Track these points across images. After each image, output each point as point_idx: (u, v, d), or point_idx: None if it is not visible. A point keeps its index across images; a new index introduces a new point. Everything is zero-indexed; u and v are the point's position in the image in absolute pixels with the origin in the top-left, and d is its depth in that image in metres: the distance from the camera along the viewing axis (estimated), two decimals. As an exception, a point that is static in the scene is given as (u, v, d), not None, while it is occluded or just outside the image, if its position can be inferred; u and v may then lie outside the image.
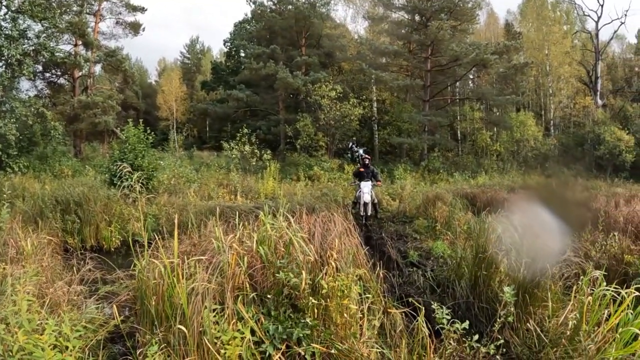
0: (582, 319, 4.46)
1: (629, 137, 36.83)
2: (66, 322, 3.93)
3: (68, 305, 5.42)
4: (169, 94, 49.25)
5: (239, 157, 27.52)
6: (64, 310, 5.09)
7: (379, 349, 4.69)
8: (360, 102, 33.94)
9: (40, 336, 3.72)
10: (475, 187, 22.39)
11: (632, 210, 11.88)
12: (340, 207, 13.38)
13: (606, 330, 4.36)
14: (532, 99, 46.67)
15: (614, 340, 4.29)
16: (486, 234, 6.55)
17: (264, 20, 39.50)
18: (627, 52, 56.94)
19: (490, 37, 49.66)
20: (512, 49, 36.91)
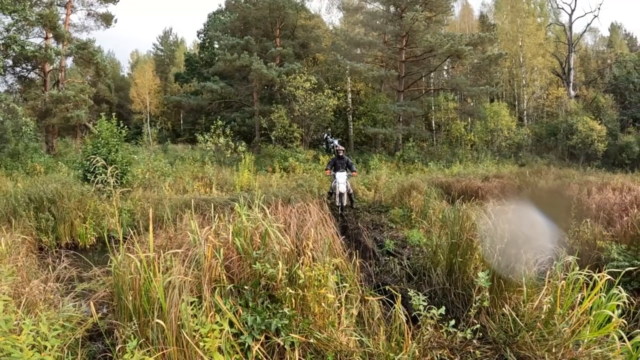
0: (556, 303, 4.54)
1: (601, 127, 37.66)
2: (43, 321, 3.90)
3: (45, 304, 5.34)
4: (142, 87, 48.78)
5: (213, 149, 27.41)
6: (40, 309, 5.01)
7: (357, 337, 4.72)
8: (335, 93, 34.03)
9: (17, 336, 3.68)
10: (450, 176, 22.55)
11: (604, 198, 12.09)
12: (315, 197, 13.37)
13: (580, 313, 4.45)
14: (505, 89, 47.23)
15: (588, 323, 4.39)
16: (461, 222, 6.63)
17: (238, 11, 39.19)
18: (600, 44, 58.12)
19: (464, 28, 50.11)
20: (486, 41, 37.17)
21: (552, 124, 42.17)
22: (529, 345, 4.35)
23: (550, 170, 26.68)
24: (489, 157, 35.32)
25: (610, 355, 4.03)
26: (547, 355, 4.14)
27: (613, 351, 4.07)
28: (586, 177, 22.90)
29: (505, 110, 39.30)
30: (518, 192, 14.98)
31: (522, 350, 4.38)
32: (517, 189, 15.64)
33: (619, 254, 7.15)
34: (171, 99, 42.80)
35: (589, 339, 4.26)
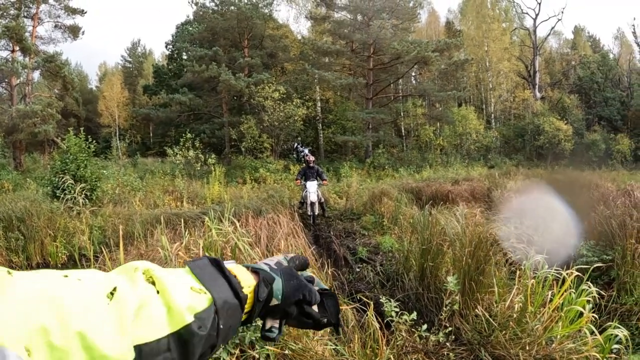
0: (527, 301, 4.59)
1: (567, 126, 38.54)
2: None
3: None
4: (110, 100, 48.26)
5: (183, 162, 27.21)
6: None
7: (333, 346, 4.71)
8: (304, 102, 34.04)
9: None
10: (420, 181, 22.64)
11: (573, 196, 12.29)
12: (287, 208, 13.31)
13: (551, 310, 4.49)
14: (473, 93, 47.87)
15: (560, 319, 4.44)
16: (430, 227, 6.67)
17: (205, 22, 39.04)
18: (564, 47, 59.37)
19: (431, 35, 50.73)
20: (452, 46, 37.64)
21: (520, 125, 42.92)
22: (503, 344, 4.37)
23: (519, 171, 27.05)
24: (458, 161, 35.67)
25: (583, 349, 4.08)
26: (521, 353, 4.16)
27: (586, 345, 4.13)
28: (554, 176, 23.27)
29: (472, 114, 39.79)
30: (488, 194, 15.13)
31: (496, 349, 4.40)
32: (487, 190, 15.79)
33: (588, 250, 7.25)
34: (140, 111, 42.41)
35: (562, 335, 4.30)
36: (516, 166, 33.37)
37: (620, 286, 6.02)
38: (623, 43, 58.48)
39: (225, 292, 0.79)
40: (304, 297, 0.94)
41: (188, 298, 0.72)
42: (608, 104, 45.73)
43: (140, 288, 0.68)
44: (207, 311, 0.73)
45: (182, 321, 0.68)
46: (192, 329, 0.69)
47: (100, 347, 0.58)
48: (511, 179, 19.93)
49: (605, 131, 43.46)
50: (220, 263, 0.84)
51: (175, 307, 0.69)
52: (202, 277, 0.78)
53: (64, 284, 0.62)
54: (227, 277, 0.82)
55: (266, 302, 0.90)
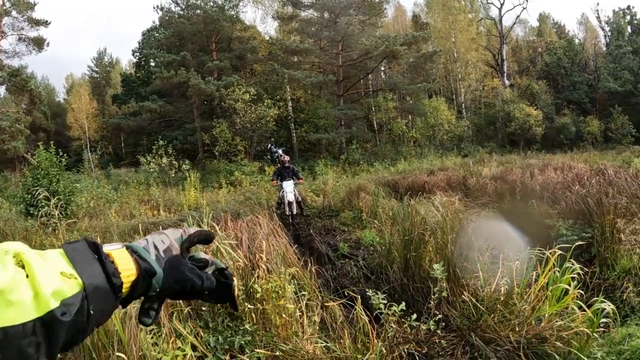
0: (513, 283, 4.63)
1: (537, 112, 39.18)
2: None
3: None
4: (79, 112, 47.47)
5: (157, 170, 26.95)
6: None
7: (323, 344, 4.68)
8: (275, 102, 33.93)
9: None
10: (395, 174, 22.78)
11: (547, 178, 12.43)
12: (264, 209, 13.26)
13: (537, 290, 4.53)
14: (442, 85, 48.27)
15: (546, 298, 4.48)
16: (410, 218, 6.67)
17: (172, 27, 38.61)
18: (530, 34, 60.27)
19: (398, 29, 50.98)
20: (420, 39, 37.84)
21: (490, 113, 43.48)
22: (492, 327, 4.39)
23: (492, 158, 27.31)
24: (432, 152, 35.95)
25: (572, 325, 4.11)
26: (511, 334, 4.18)
27: (574, 321, 4.16)
28: (527, 161, 23.56)
29: (443, 105, 40.16)
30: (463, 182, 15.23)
31: (486, 333, 4.41)
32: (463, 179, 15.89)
33: (567, 229, 7.34)
34: (110, 121, 41.93)
35: (550, 313, 4.34)
36: (489, 153, 33.63)
37: (601, 262, 6.10)
38: (588, 28, 59.41)
39: (98, 277, 0.78)
40: (184, 288, 0.94)
41: (56, 283, 0.71)
42: (576, 88, 46.45)
43: (10, 271, 0.67)
44: (75, 297, 0.72)
45: (46, 307, 0.67)
46: (55, 314, 0.68)
47: None
48: (485, 166, 20.13)
49: (575, 114, 44.16)
50: (99, 247, 0.82)
51: (42, 293, 0.67)
52: (75, 261, 0.77)
53: None
54: (102, 262, 0.80)
55: (145, 292, 0.91)
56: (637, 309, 5.14)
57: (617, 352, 3.99)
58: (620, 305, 5.19)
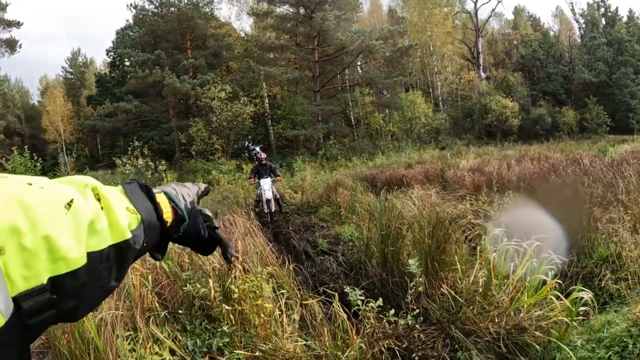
0: (491, 275, 4.61)
1: (513, 103, 39.63)
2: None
3: None
4: (54, 114, 46.75)
5: (133, 172, 26.69)
6: None
7: (303, 342, 4.64)
8: (251, 100, 33.78)
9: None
10: (373, 168, 22.82)
11: (524, 169, 12.51)
12: (242, 208, 13.16)
13: (515, 281, 4.53)
14: (419, 78, 48.51)
15: (525, 289, 4.48)
16: (387, 212, 6.65)
17: (146, 25, 38.20)
18: (506, 27, 60.85)
19: (374, 23, 51.11)
20: (396, 34, 38.03)
21: (467, 106, 43.85)
22: (471, 319, 4.37)
23: (470, 150, 27.49)
24: (409, 145, 36.12)
25: (551, 315, 4.11)
26: (490, 325, 4.17)
27: (553, 310, 4.15)
28: (504, 152, 23.76)
29: (420, 98, 40.37)
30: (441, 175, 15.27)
31: (466, 325, 4.39)
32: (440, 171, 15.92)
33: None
34: (85, 123, 41.39)
35: (528, 303, 4.34)
36: (467, 146, 33.95)
37: (579, 250, 6.11)
38: (562, 20, 60.15)
39: (151, 215, 0.89)
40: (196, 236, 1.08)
41: (126, 217, 0.80)
42: (551, 79, 47.04)
43: (91, 203, 0.74)
44: (138, 229, 0.82)
45: (122, 236, 0.76)
46: (130, 243, 0.78)
47: (63, 250, 0.65)
48: (463, 158, 20.22)
49: (551, 105, 44.79)
50: (150, 189, 0.94)
51: (119, 223, 0.76)
52: (133, 199, 0.87)
53: (29, 189, 0.67)
54: (154, 202, 0.92)
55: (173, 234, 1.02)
56: (616, 296, 5.17)
57: (596, 339, 3.99)
58: (599, 293, 5.22)
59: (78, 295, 0.69)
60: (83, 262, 0.68)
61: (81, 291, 0.70)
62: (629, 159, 11.18)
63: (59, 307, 0.67)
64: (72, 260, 0.66)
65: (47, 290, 0.64)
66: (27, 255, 0.61)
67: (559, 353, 3.86)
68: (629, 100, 43.40)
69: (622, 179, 7.91)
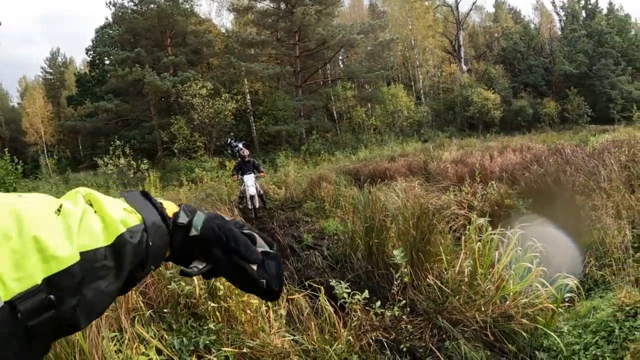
0: (476, 264, 4.62)
1: (494, 95, 39.84)
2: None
3: None
4: (34, 116, 46.39)
5: (116, 172, 26.53)
6: None
7: (290, 337, 4.62)
8: (232, 96, 33.61)
9: None
10: (357, 162, 22.86)
11: (506, 159, 12.58)
12: (226, 204, 13.12)
13: (500, 270, 4.55)
14: (401, 72, 48.60)
15: (510, 277, 4.49)
16: (371, 205, 6.66)
17: (125, 23, 37.88)
18: (487, 20, 61.19)
19: (355, 18, 51.25)
20: (377, 28, 38.11)
21: (449, 98, 44.02)
22: (458, 309, 4.38)
23: (452, 142, 27.62)
24: (392, 138, 36.13)
25: (537, 302, 4.13)
26: (477, 314, 4.18)
27: (539, 298, 4.17)
28: (487, 143, 23.89)
29: (402, 91, 40.47)
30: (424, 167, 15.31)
31: (453, 314, 4.40)
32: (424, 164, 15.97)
33: (527, 208, 7.42)
34: (65, 124, 41.04)
35: (514, 292, 4.35)
36: (449, 138, 34.03)
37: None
38: (543, 13, 60.72)
39: (153, 215, 0.89)
40: (227, 239, 0.97)
41: (122, 214, 0.82)
42: (532, 71, 47.38)
43: (81, 206, 0.77)
44: (137, 227, 0.82)
45: (116, 231, 0.77)
46: (124, 237, 0.78)
47: (52, 248, 0.67)
48: (445, 150, 20.30)
49: (532, 97, 45.15)
50: (149, 194, 0.95)
51: (111, 220, 0.78)
52: (134, 203, 0.88)
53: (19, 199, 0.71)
54: (155, 205, 0.92)
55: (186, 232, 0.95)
56: (600, 282, 5.21)
57: (583, 325, 4.02)
58: (584, 280, 5.26)
59: (77, 294, 0.71)
60: (76, 259, 0.70)
61: (79, 290, 0.71)
62: (610, 147, 11.26)
63: (59, 307, 0.68)
64: (64, 259, 0.68)
65: (42, 290, 0.66)
66: (17, 257, 0.63)
67: (546, 339, 3.88)
68: (609, 91, 43.73)
69: (604, 167, 7.95)
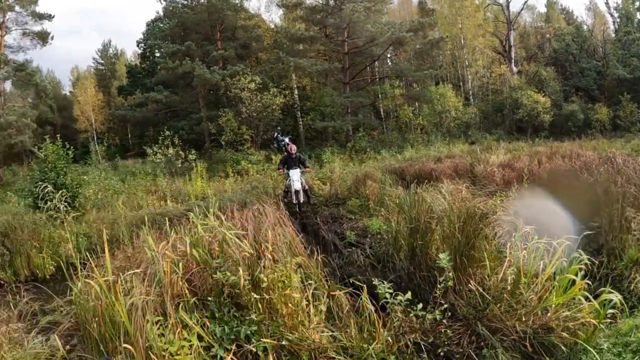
0: (520, 273, 4.59)
1: (545, 99, 38.77)
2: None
3: (10, 344, 5.07)
4: (85, 104, 47.35)
5: (164, 161, 27.01)
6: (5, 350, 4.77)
7: (329, 333, 4.68)
8: (280, 91, 33.64)
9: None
10: (402, 161, 22.77)
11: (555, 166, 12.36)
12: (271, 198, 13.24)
13: (544, 280, 4.51)
14: (449, 71, 47.97)
15: (553, 288, 4.45)
16: (417, 206, 6.65)
17: (176, 17, 38.43)
18: (538, 20, 59.66)
19: (404, 15, 50.75)
20: (426, 26, 37.77)
21: (498, 100, 43.13)
22: (498, 317, 4.38)
23: (500, 145, 27.19)
24: (439, 139, 35.76)
25: (578, 316, 4.09)
26: (517, 324, 4.17)
27: (581, 312, 4.13)
28: (535, 148, 23.46)
29: (450, 91, 39.91)
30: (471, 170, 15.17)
31: (492, 322, 4.40)
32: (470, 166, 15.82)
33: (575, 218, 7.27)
34: (116, 113, 41.96)
35: (556, 304, 4.32)
36: (497, 141, 33.50)
37: (609, 252, 6.05)
38: (596, 14, 58.78)
39: None
40: None
41: None
42: (584, 75, 45.99)
43: None
44: None
45: None
46: None
47: None
48: (493, 154, 20.02)
49: (583, 101, 43.70)
50: None
51: None
52: None
53: None
54: None
55: None
56: (645, 300, 5.12)
57: (623, 343, 3.97)
58: (628, 296, 5.17)
59: None
60: None
61: None
62: (664, 158, 10.98)
63: None
64: None
65: None
66: None
67: (585, 355, 3.85)
68: (665, 98, 42.15)
69: (658, 179, 7.78)
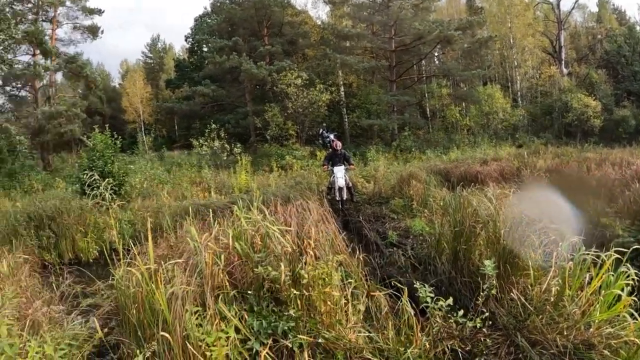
0: (565, 284, 4.50)
1: (595, 102, 37.60)
2: (48, 342, 3.85)
3: (50, 324, 5.24)
4: (133, 96, 48.29)
5: (209, 153, 27.38)
6: (45, 330, 4.92)
7: (366, 333, 4.68)
8: (327, 87, 33.66)
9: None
10: (448, 162, 22.51)
11: (604, 174, 12.06)
12: (314, 194, 13.28)
13: (589, 294, 4.41)
14: (498, 71, 47.15)
15: (598, 303, 4.35)
16: (462, 209, 6.57)
17: (224, 13, 39.05)
18: (589, 20, 58.22)
19: (452, 13, 50.12)
20: (475, 24, 37.22)
21: (547, 102, 42.19)
22: (539, 329, 4.30)
23: (548, 150, 26.66)
24: (486, 141, 35.19)
25: (622, 334, 3.99)
26: (558, 338, 4.09)
27: (625, 329, 4.03)
28: (584, 154, 22.90)
29: (498, 92, 39.20)
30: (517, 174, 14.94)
31: (533, 334, 4.33)
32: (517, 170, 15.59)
33: (624, 230, 7.09)
34: (163, 105, 42.72)
35: (600, 319, 4.22)
36: (545, 145, 32.81)
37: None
38: (650, 14, 57.15)
39: None
40: None
41: None
42: (637, 79, 44.50)
43: None
44: None
45: None
46: None
47: None
48: (540, 158, 19.65)
49: (635, 107, 42.24)
50: None
51: None
52: None
53: None
54: None
55: None
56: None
57: (667, 364, 3.86)
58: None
59: None
60: None
61: None
62: None
63: None
64: None
65: None
66: None
67: (626, 375, 3.76)
68: None
69: None
